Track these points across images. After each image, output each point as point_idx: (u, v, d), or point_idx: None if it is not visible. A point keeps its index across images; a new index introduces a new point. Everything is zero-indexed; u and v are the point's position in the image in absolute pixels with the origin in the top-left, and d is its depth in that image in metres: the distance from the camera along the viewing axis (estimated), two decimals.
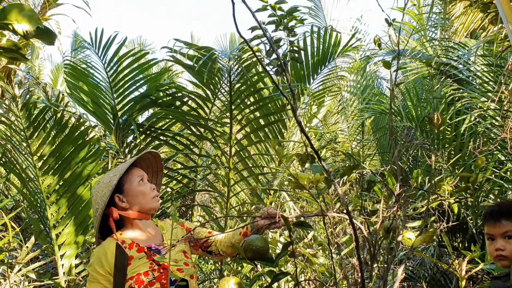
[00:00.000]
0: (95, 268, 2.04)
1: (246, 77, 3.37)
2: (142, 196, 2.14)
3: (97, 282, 2.03)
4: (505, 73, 3.15)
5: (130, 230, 2.16)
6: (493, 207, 2.03)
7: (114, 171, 2.17)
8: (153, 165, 2.38)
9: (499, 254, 1.87)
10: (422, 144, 4.88)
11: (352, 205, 2.70)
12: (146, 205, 2.15)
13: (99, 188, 2.14)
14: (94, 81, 3.95)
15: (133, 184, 2.15)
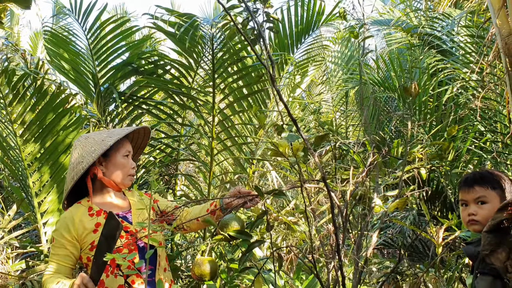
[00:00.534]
0: (61, 233, 2.05)
1: (229, 46, 3.34)
2: (122, 169, 2.14)
3: (63, 247, 2.04)
4: (486, 44, 3.17)
5: (99, 196, 2.16)
6: (468, 175, 2.08)
7: (108, 133, 2.15)
8: (139, 141, 2.38)
9: (471, 219, 1.93)
10: (404, 115, 4.92)
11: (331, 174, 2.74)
12: (121, 179, 2.15)
13: (87, 144, 2.11)
14: (75, 49, 3.88)
15: (119, 154, 2.14)
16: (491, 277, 1.72)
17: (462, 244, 4.14)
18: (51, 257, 2.06)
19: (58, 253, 2.04)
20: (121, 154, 2.15)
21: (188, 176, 4.17)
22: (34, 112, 3.23)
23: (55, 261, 2.04)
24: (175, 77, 3.85)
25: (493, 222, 1.76)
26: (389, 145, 5.17)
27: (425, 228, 4.53)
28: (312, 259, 1.93)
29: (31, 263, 3.34)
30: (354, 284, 1.84)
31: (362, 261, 1.89)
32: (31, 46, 9.94)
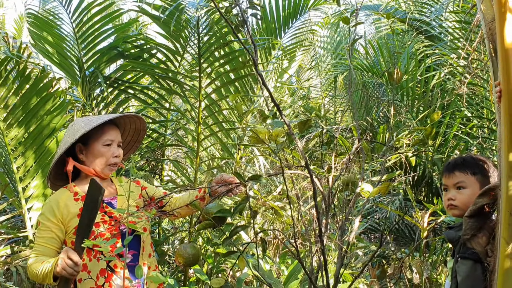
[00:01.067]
0: (46, 217, 2.04)
1: (215, 30, 3.31)
2: (100, 159, 2.11)
3: (49, 230, 2.03)
4: (472, 30, 3.17)
5: (85, 181, 2.14)
6: (450, 160, 2.10)
7: (86, 121, 2.11)
8: (137, 125, 2.34)
9: (450, 203, 1.95)
10: (391, 100, 4.93)
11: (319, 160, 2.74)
12: (100, 169, 2.13)
13: (68, 132, 2.11)
14: (59, 32, 3.81)
15: (98, 143, 2.11)
16: (472, 261, 1.74)
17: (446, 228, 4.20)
18: (37, 240, 2.05)
19: (44, 235, 2.03)
20: (101, 143, 2.11)
21: (175, 161, 4.16)
22: (17, 96, 3.17)
23: (41, 243, 2.03)
24: (161, 61, 3.81)
25: (474, 207, 1.78)
26: (377, 131, 5.19)
27: (411, 213, 4.58)
28: (295, 244, 1.94)
29: (16, 248, 3.32)
30: (337, 267, 1.86)
31: (345, 245, 1.90)
32: (16, 30, 9.75)
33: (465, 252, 1.76)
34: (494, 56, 1.82)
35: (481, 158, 2.02)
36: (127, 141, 2.37)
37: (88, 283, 2.00)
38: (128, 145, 2.39)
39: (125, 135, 2.34)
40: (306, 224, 2.05)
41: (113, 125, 2.17)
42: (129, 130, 2.35)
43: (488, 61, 1.91)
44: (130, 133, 2.36)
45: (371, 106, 6.20)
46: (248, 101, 4.02)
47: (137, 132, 2.36)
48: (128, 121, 2.30)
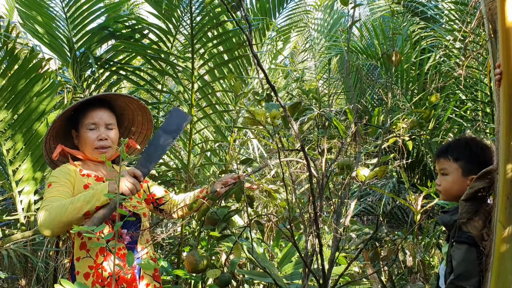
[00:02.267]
0: (59, 177, 1.97)
1: (208, 9, 3.24)
2: (85, 143, 2.07)
3: (64, 186, 1.95)
4: (469, 11, 3.12)
5: (85, 164, 2.12)
6: (441, 146, 2.11)
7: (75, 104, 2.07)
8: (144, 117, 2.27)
9: (436, 188, 1.98)
10: (386, 83, 4.90)
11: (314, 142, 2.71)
12: (89, 154, 2.09)
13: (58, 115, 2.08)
14: (49, 11, 3.72)
15: (83, 127, 2.07)
16: (467, 245, 1.73)
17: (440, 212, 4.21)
18: (50, 194, 1.91)
19: (59, 189, 1.93)
20: (85, 127, 2.06)
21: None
22: (5, 77, 3.10)
23: (55, 195, 1.90)
24: (153, 42, 3.74)
25: (471, 190, 1.76)
26: (371, 113, 5.17)
27: (405, 196, 4.59)
28: (290, 227, 1.92)
29: (7, 231, 3.29)
30: (332, 251, 1.84)
31: (341, 228, 1.89)
32: (7, 9, 9.55)
33: (461, 236, 1.75)
34: (494, 37, 1.79)
35: (471, 143, 1.99)
36: (138, 132, 2.30)
37: (87, 262, 1.96)
38: (139, 136, 2.32)
39: (134, 126, 2.28)
40: (301, 207, 2.03)
41: (101, 107, 2.09)
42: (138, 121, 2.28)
43: (486, 43, 1.88)
44: (139, 123, 2.29)
45: (365, 89, 6.18)
46: (242, 82, 3.97)
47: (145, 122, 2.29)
48: (136, 113, 2.23)
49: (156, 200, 2.26)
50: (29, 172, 3.23)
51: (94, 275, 1.93)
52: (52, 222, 1.79)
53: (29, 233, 3.13)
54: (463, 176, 1.93)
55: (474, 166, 1.89)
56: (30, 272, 3.28)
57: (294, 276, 2.60)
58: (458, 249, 1.76)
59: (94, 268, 1.94)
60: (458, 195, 1.94)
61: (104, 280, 1.93)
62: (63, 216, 1.78)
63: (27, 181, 3.24)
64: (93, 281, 1.92)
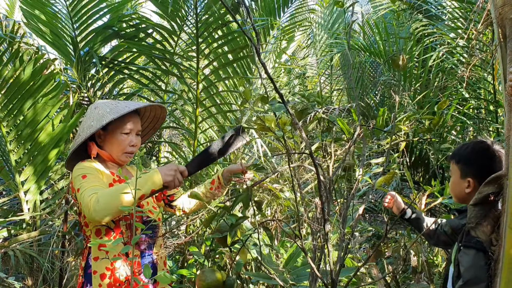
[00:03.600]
0: (89, 169, 1.98)
1: (213, 9, 3.23)
2: (117, 146, 2.08)
3: (98, 178, 1.96)
4: (476, 11, 3.12)
5: (104, 164, 2.13)
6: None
7: (112, 106, 2.07)
8: (157, 112, 2.31)
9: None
10: (389, 81, 4.90)
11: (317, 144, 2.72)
12: (116, 156, 2.10)
13: (92, 116, 2.06)
14: (53, 10, 3.71)
15: (118, 130, 2.07)
16: (475, 250, 1.74)
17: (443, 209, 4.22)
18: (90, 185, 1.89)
19: (98, 179, 1.95)
20: (121, 131, 2.07)
21: (172, 143, 4.12)
22: (11, 78, 3.10)
23: (97, 184, 1.91)
24: (157, 41, 3.74)
25: (479, 195, 1.77)
26: (374, 111, 5.17)
27: (408, 194, 4.59)
28: (298, 230, 1.93)
29: (13, 231, 3.30)
30: (339, 255, 1.85)
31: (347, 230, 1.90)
32: (8, 5, 9.52)
33: (470, 241, 1.76)
34: (503, 41, 1.78)
35: (475, 147, 2.01)
36: (144, 127, 2.34)
37: (105, 262, 1.98)
38: (144, 131, 2.36)
39: (143, 121, 2.30)
40: (305, 207, 2.04)
41: (134, 113, 2.12)
42: (148, 117, 2.32)
43: (496, 46, 1.88)
44: (148, 120, 2.33)
45: (367, 86, 6.17)
46: (247, 82, 3.97)
47: (155, 119, 2.34)
48: (148, 108, 2.26)
49: (167, 197, 2.30)
50: (34, 172, 3.23)
51: (111, 277, 1.95)
52: (109, 207, 1.78)
53: (35, 234, 3.13)
54: (461, 178, 1.96)
55: (472, 169, 1.93)
56: (36, 272, 3.29)
57: (300, 277, 2.61)
58: (466, 255, 1.77)
59: (111, 270, 1.96)
60: (459, 196, 1.99)
61: (121, 284, 1.95)
62: (119, 200, 1.78)
63: (32, 182, 3.24)
64: (109, 283, 1.94)
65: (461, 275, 1.77)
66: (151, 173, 1.86)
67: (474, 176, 1.92)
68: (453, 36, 4.60)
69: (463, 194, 1.95)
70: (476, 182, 1.90)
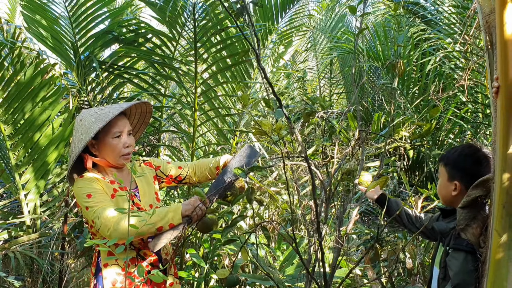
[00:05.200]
0: (91, 186, 2.01)
1: (211, 14, 3.28)
2: (112, 151, 2.09)
3: (104, 194, 1.99)
4: (470, 16, 3.16)
5: (103, 172, 2.16)
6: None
7: (98, 115, 2.08)
8: (143, 108, 2.33)
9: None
10: (387, 85, 4.94)
11: (315, 147, 2.75)
12: (113, 160, 2.12)
13: (80, 128, 2.08)
14: (53, 15, 3.76)
15: (108, 136, 2.09)
16: (464, 253, 1.78)
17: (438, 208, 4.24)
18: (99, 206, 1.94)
19: (104, 197, 1.99)
20: (111, 136, 2.08)
21: (171, 147, 4.16)
22: (11, 83, 3.15)
23: (107, 205, 1.95)
24: (156, 46, 3.78)
25: (468, 198, 1.81)
26: (371, 115, 5.22)
27: (405, 197, 4.62)
28: (292, 231, 1.97)
29: (13, 233, 3.34)
30: (334, 257, 1.89)
31: (343, 232, 1.94)
32: (9, 9, 9.59)
33: (461, 243, 1.79)
34: (491, 48, 1.83)
35: (463, 151, 2.04)
36: (134, 124, 2.36)
37: (114, 269, 2.04)
38: (135, 128, 2.38)
39: (131, 119, 2.32)
40: (303, 211, 2.08)
41: (121, 115, 2.14)
42: (135, 114, 2.34)
43: (484, 53, 1.92)
44: (136, 116, 2.35)
45: (366, 90, 6.21)
46: (244, 86, 4.01)
47: (142, 115, 2.36)
48: (133, 106, 2.28)
49: (176, 178, 2.34)
50: (35, 175, 3.28)
51: (123, 281, 1.99)
52: (126, 232, 1.83)
53: (35, 236, 3.18)
54: (448, 181, 2.00)
55: (458, 172, 1.96)
56: (36, 274, 3.34)
57: (296, 278, 2.65)
58: (454, 259, 1.80)
59: (122, 276, 2.01)
60: (446, 198, 2.02)
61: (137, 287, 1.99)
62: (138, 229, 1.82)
63: (33, 184, 3.29)
64: None
65: (450, 280, 1.81)
66: (173, 206, 1.93)
67: (461, 179, 1.95)
68: (449, 41, 4.64)
69: (449, 197, 1.99)
70: (463, 186, 1.93)
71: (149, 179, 2.25)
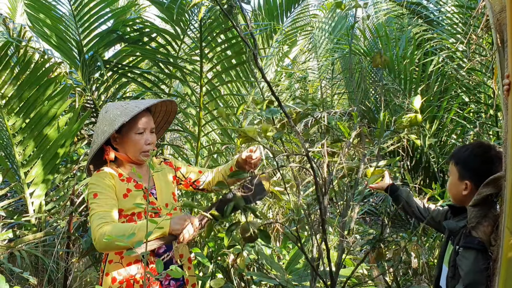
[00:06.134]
0: (101, 186, 2.00)
1: (216, 14, 3.28)
2: (133, 146, 2.08)
3: (110, 198, 1.98)
4: (476, 16, 3.17)
5: (122, 166, 2.16)
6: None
7: (123, 108, 2.08)
8: (168, 107, 2.32)
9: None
10: (390, 85, 4.94)
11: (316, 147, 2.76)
12: (133, 156, 2.11)
13: (104, 120, 2.07)
14: (57, 14, 3.76)
15: (132, 131, 2.08)
16: (475, 252, 1.78)
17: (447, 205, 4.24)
18: (98, 210, 1.94)
19: (107, 202, 1.97)
20: (134, 131, 2.08)
21: (175, 146, 4.16)
22: (18, 81, 3.15)
23: (106, 210, 1.94)
24: (161, 45, 3.79)
25: (479, 196, 1.81)
26: (374, 113, 5.22)
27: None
28: (297, 231, 1.97)
29: (18, 232, 3.34)
30: (339, 254, 1.89)
31: (346, 232, 1.94)
32: (9, 9, 9.58)
33: (472, 242, 1.79)
34: (501, 46, 1.83)
35: (473, 150, 2.04)
36: (157, 122, 2.35)
37: (117, 266, 2.03)
38: (158, 126, 2.38)
39: (155, 117, 2.31)
40: (305, 209, 2.08)
41: (146, 112, 2.13)
42: (159, 112, 2.33)
43: (494, 51, 1.92)
44: (160, 114, 2.34)
45: (367, 90, 6.21)
46: (249, 85, 4.02)
47: (167, 113, 2.34)
48: (159, 104, 2.27)
49: (194, 182, 2.33)
50: (40, 174, 3.27)
51: (123, 282, 1.99)
52: (111, 246, 1.83)
53: (40, 235, 3.17)
54: (459, 180, 1.99)
55: (469, 172, 1.96)
56: (41, 273, 3.33)
57: (302, 278, 2.65)
58: (465, 259, 1.80)
59: (122, 275, 2.01)
60: (456, 197, 2.02)
61: None
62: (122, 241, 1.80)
63: (38, 184, 3.28)
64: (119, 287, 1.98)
65: (461, 279, 1.81)
66: (164, 223, 1.87)
67: (472, 179, 1.95)
68: (452, 41, 4.65)
69: (460, 196, 1.98)
70: (473, 185, 1.93)
71: (167, 178, 2.23)
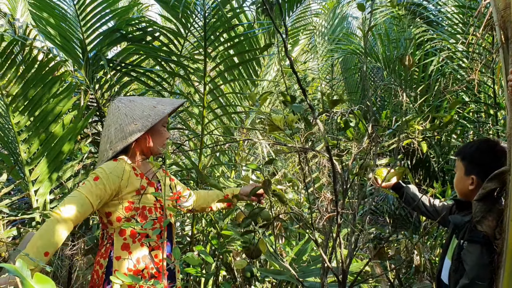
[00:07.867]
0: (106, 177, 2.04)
1: (221, 13, 3.30)
2: (159, 138, 2.22)
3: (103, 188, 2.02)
4: (478, 16, 3.20)
5: (133, 159, 2.22)
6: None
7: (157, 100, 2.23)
8: None
9: None
10: (391, 85, 4.98)
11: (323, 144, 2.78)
12: (155, 147, 2.21)
13: (136, 107, 2.17)
14: (61, 13, 3.77)
15: (160, 123, 2.21)
16: (480, 246, 1.81)
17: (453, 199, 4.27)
18: (83, 188, 2.00)
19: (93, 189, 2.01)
20: (161, 123, 2.22)
21: (176, 143, 4.18)
22: (23, 79, 3.16)
23: (84, 192, 1.99)
24: (164, 44, 3.81)
25: (483, 191, 1.84)
26: (375, 114, 5.25)
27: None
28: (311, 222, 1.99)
29: (22, 230, 3.35)
30: (350, 250, 1.92)
31: (357, 228, 1.97)
32: (10, 9, 9.57)
33: (476, 236, 1.82)
34: (505, 43, 1.86)
35: (480, 145, 2.08)
36: None
37: (126, 263, 2.06)
38: None
39: None
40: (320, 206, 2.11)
41: None
42: None
43: (498, 48, 1.95)
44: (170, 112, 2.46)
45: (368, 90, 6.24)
46: (252, 84, 4.04)
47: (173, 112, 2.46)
48: None
49: (180, 197, 2.40)
50: (45, 172, 3.29)
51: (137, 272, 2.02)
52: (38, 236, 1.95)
53: None
54: (465, 175, 2.04)
55: (475, 167, 2.00)
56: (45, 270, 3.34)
57: (307, 273, 2.67)
58: (470, 253, 1.83)
59: (132, 271, 2.03)
60: (463, 192, 2.06)
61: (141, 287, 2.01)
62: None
63: (42, 182, 3.30)
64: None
65: (466, 273, 1.83)
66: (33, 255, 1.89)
67: (478, 174, 1.99)
68: (452, 42, 4.68)
69: (466, 191, 2.02)
70: (480, 180, 1.97)
71: (167, 182, 2.34)
